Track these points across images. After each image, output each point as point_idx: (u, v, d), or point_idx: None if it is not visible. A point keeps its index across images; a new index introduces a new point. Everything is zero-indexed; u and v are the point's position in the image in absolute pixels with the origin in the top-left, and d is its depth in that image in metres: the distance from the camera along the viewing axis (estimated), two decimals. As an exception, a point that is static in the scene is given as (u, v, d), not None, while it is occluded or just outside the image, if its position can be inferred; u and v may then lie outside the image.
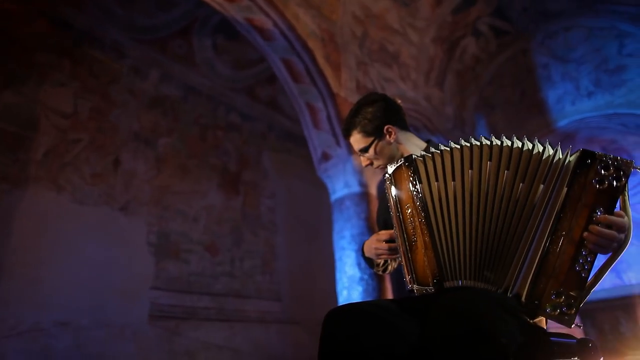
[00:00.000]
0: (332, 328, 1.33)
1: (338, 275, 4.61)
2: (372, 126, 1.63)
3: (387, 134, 1.62)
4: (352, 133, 1.66)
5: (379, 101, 1.67)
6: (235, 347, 5.53)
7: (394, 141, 1.63)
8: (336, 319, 1.33)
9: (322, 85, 4.94)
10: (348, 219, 4.70)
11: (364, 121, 1.64)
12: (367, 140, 1.64)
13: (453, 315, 1.10)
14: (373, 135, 1.63)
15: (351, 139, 1.68)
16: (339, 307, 1.38)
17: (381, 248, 1.51)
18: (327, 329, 1.34)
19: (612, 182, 1.10)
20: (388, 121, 1.63)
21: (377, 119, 1.63)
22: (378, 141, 1.63)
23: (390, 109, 1.67)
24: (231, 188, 6.32)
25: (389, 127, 1.63)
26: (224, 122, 6.61)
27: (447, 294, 1.20)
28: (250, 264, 6.14)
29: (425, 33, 6.82)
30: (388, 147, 1.63)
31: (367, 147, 1.64)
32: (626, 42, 6.79)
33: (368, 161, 1.68)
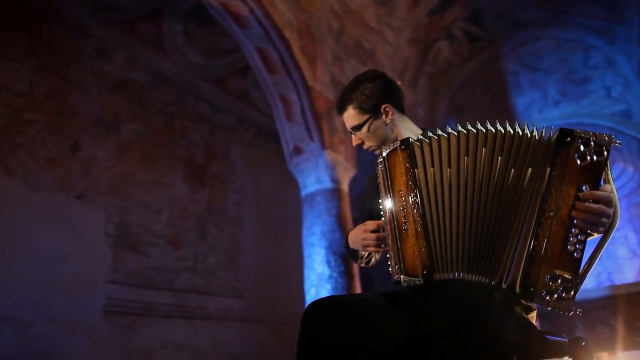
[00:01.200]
0: (313, 322, 1.23)
1: (306, 273, 4.49)
2: (369, 103, 1.54)
3: (383, 114, 1.54)
4: (347, 108, 1.57)
5: (379, 78, 1.58)
6: (196, 345, 5.31)
7: (389, 122, 1.55)
8: (318, 313, 1.23)
9: (297, 77, 4.81)
10: (319, 215, 4.58)
11: (361, 97, 1.54)
12: (361, 118, 1.54)
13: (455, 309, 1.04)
14: (369, 113, 1.54)
15: (345, 114, 1.59)
16: (322, 300, 1.28)
17: (368, 239, 1.41)
18: (308, 323, 1.24)
19: (594, 158, 1.08)
20: (386, 100, 1.55)
21: (376, 97, 1.54)
22: (373, 120, 1.54)
23: (390, 88, 1.58)
24: (197, 180, 6.09)
25: (386, 106, 1.54)
26: (192, 111, 6.36)
27: (444, 287, 1.14)
28: (214, 259, 5.93)
29: (401, 33, 6.82)
30: (383, 127, 1.55)
31: (361, 124, 1.55)
32: (591, 55, 7.02)
33: (359, 140, 1.59)
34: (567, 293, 1.08)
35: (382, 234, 1.40)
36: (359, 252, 1.61)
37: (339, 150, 5.01)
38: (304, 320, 1.24)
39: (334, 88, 5.32)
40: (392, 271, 1.31)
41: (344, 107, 1.59)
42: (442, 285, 1.16)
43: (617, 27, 6.39)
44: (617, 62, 6.75)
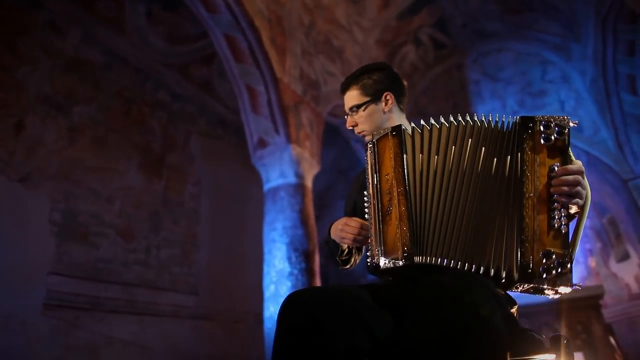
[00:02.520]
0: (294, 313, 1.17)
1: (266, 269, 4.36)
2: (373, 88, 1.59)
3: (384, 101, 1.59)
4: (351, 87, 1.61)
5: (388, 69, 1.65)
6: (144, 342, 5.04)
7: (387, 111, 1.60)
8: (299, 304, 1.18)
9: (266, 68, 4.68)
10: (281, 210, 4.47)
11: (367, 80, 1.60)
12: (362, 99, 1.59)
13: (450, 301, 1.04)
14: (370, 96, 1.59)
15: (347, 93, 1.63)
16: (302, 291, 1.24)
17: (348, 231, 1.42)
18: (288, 314, 1.18)
19: (557, 137, 1.16)
20: (389, 89, 1.61)
21: (381, 84, 1.60)
22: (372, 104, 1.59)
23: (396, 81, 1.64)
24: (153, 170, 5.80)
25: (388, 94, 1.60)
26: (151, 98, 6.07)
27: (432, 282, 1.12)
28: (167, 253, 5.66)
29: (370, 34, 6.83)
30: (380, 114, 1.59)
31: (360, 105, 1.59)
32: (548, 69, 7.32)
33: (353, 122, 1.62)
34: (564, 268, 1.10)
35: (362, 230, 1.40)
36: (340, 247, 1.59)
37: (304, 146, 4.92)
38: (284, 310, 1.19)
39: (302, 82, 5.24)
40: (370, 257, 1.31)
41: (349, 86, 1.62)
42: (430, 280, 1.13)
43: (574, 44, 6.69)
44: (571, 77, 7.07)
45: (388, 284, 1.41)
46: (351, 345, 1.13)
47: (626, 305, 6.79)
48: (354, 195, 1.68)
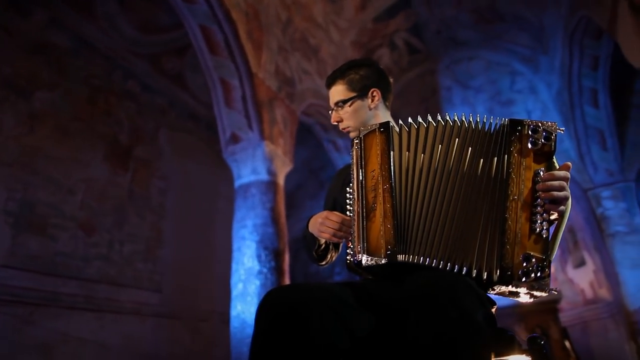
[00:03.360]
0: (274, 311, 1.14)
1: (234, 267, 4.27)
2: (360, 84, 1.57)
3: (370, 97, 1.58)
4: (337, 82, 1.59)
5: (375, 66, 1.63)
6: (102, 341, 4.84)
7: (373, 107, 1.58)
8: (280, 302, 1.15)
9: (241, 62, 4.59)
10: (252, 208, 4.39)
11: (354, 75, 1.58)
12: (348, 95, 1.57)
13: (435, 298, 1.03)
14: (357, 92, 1.57)
15: (333, 88, 1.61)
16: (283, 288, 1.21)
17: (328, 225, 1.38)
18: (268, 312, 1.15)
19: (544, 142, 1.17)
20: (376, 86, 1.59)
21: (368, 79, 1.58)
22: (358, 99, 1.57)
23: (383, 77, 1.63)
24: (119, 162, 5.60)
25: (375, 90, 1.58)
26: (119, 88, 5.86)
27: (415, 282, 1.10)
28: (131, 248, 5.47)
29: (346, 34, 6.84)
30: (365, 110, 1.58)
31: (346, 101, 1.57)
32: (517, 80, 7.54)
33: (338, 118, 1.60)
34: (543, 272, 1.10)
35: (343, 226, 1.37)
36: (317, 241, 1.55)
37: (277, 143, 4.86)
38: (263, 308, 1.16)
39: (277, 78, 5.17)
40: (352, 253, 1.28)
41: (335, 81, 1.60)
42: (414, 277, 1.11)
43: (542, 56, 6.91)
44: (538, 88, 7.30)
45: (369, 283, 1.39)
46: (330, 345, 1.11)
47: (581, 309, 7.07)
48: (334, 191, 1.66)
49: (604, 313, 6.74)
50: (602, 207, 6.41)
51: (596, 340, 6.76)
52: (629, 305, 6.04)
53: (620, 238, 6.14)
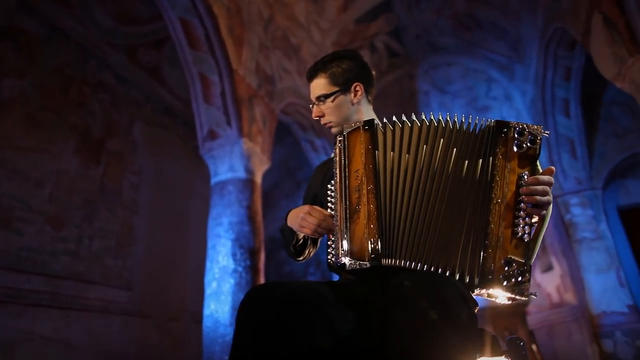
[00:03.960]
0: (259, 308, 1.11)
1: (209, 265, 4.20)
2: (342, 77, 1.53)
3: (353, 92, 1.54)
4: (319, 75, 1.54)
5: (357, 58, 1.59)
6: (67, 340, 4.67)
7: (356, 102, 1.54)
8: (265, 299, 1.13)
9: (221, 58, 4.52)
10: (228, 205, 4.32)
11: (337, 68, 1.53)
12: (330, 89, 1.52)
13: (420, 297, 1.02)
14: (339, 86, 1.52)
15: (314, 82, 1.56)
16: (268, 286, 1.18)
17: (309, 220, 1.34)
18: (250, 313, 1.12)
19: (529, 145, 1.16)
20: (359, 80, 1.55)
21: (350, 73, 1.54)
22: (341, 94, 1.53)
23: (366, 71, 1.59)
24: (91, 155, 5.43)
25: (358, 85, 1.54)
26: (93, 78, 5.69)
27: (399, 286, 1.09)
28: (101, 244, 5.31)
29: (327, 35, 6.84)
30: (348, 105, 1.54)
31: (328, 95, 1.52)
32: (493, 87, 7.69)
33: (320, 113, 1.56)
34: (523, 277, 1.10)
35: (324, 222, 1.34)
36: (295, 236, 1.52)
37: (256, 141, 4.81)
38: (246, 306, 1.14)
39: (258, 76, 5.12)
40: (334, 254, 1.26)
41: (316, 74, 1.55)
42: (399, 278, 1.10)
43: (517, 65, 7.08)
44: (513, 96, 7.47)
45: (351, 282, 1.38)
46: (313, 345, 1.09)
47: (547, 313, 7.25)
48: (315, 186, 1.63)
49: (568, 317, 6.94)
50: (570, 213, 6.60)
51: (560, 343, 6.95)
52: (592, 309, 6.23)
53: (587, 244, 6.34)
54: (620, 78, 3.86)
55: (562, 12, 4.78)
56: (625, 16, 3.62)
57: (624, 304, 6.11)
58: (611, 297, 6.14)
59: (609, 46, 3.89)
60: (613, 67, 3.90)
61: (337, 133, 1.50)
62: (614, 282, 6.20)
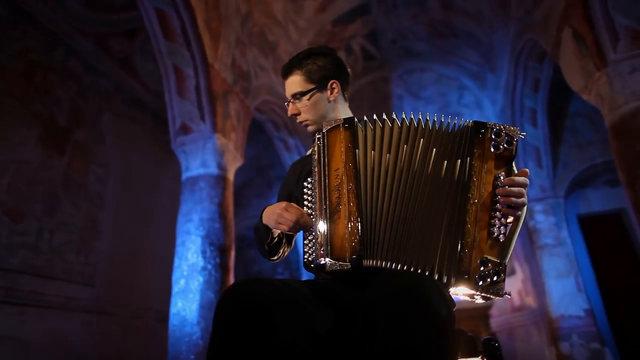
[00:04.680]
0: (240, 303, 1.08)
1: (177, 262, 4.10)
2: (318, 75, 1.50)
3: (329, 90, 1.52)
4: (294, 72, 1.51)
5: (334, 55, 1.56)
6: (23, 337, 4.46)
7: (332, 100, 1.52)
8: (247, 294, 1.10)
9: (197, 51, 4.44)
10: (199, 202, 4.24)
11: (312, 65, 1.50)
12: (306, 86, 1.50)
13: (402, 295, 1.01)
14: (315, 83, 1.50)
15: (289, 78, 1.53)
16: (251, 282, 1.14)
17: (287, 217, 1.31)
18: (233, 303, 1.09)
19: (506, 147, 1.17)
20: (336, 77, 1.53)
21: (327, 70, 1.51)
22: (317, 92, 1.50)
23: (342, 69, 1.57)
24: (55, 145, 5.21)
25: (334, 82, 1.52)
26: (60, 66, 5.46)
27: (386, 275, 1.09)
28: (62, 238, 5.10)
29: (304, 34, 6.82)
30: (325, 103, 1.52)
31: (304, 92, 1.50)
32: (465, 94, 7.86)
33: (296, 110, 1.54)
34: (498, 276, 1.10)
35: (302, 219, 1.31)
36: (271, 233, 1.49)
37: (229, 137, 4.74)
38: (228, 299, 1.10)
39: (233, 72, 5.05)
40: (312, 255, 1.25)
41: (291, 71, 1.52)
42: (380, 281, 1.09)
43: (489, 74, 7.26)
44: (483, 104, 7.66)
45: (330, 282, 1.36)
46: (294, 343, 1.08)
47: (509, 316, 7.46)
48: (290, 184, 1.60)
49: (528, 320, 7.16)
50: (534, 220, 6.81)
51: (520, 345, 7.16)
52: (552, 313, 6.45)
53: (549, 250, 6.56)
54: (587, 91, 4.01)
55: (534, 25, 4.93)
56: (593, 32, 3.77)
57: (581, 309, 6.36)
58: (569, 302, 6.38)
59: (578, 60, 4.04)
60: (581, 80, 4.05)
61: (313, 131, 1.51)
62: (573, 287, 6.44)
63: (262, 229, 1.51)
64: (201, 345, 3.71)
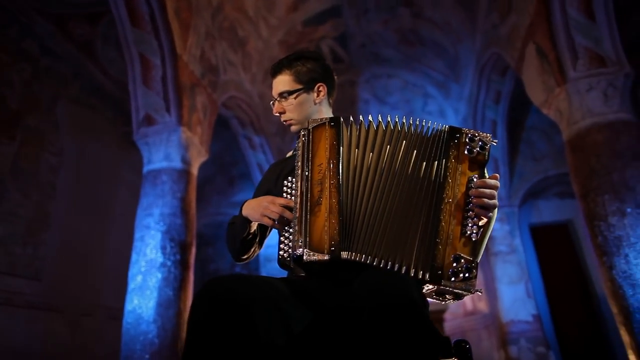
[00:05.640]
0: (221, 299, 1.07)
1: (135, 258, 3.95)
2: (307, 76, 1.54)
3: (316, 92, 1.55)
4: (283, 72, 1.54)
5: (322, 60, 1.61)
6: (-40, 333, 4.16)
7: (318, 102, 1.56)
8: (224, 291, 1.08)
9: (165, 40, 4.30)
10: (161, 196, 4.10)
11: (302, 67, 1.54)
12: (294, 86, 1.53)
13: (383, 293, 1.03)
14: (303, 84, 1.53)
15: (278, 77, 1.56)
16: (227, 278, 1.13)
17: (273, 209, 1.32)
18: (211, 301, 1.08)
19: (479, 151, 1.23)
20: (323, 82, 1.57)
21: (315, 73, 1.55)
22: (304, 92, 1.54)
23: (330, 74, 1.61)
24: (4, 129, 4.89)
25: (321, 85, 1.56)
26: (14, 46, 5.15)
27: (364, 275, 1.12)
28: (8, 229, 4.79)
29: (275, 32, 6.76)
30: (310, 104, 1.55)
31: (291, 92, 1.52)
32: (429, 102, 8.05)
33: (281, 109, 1.56)
34: (470, 273, 1.14)
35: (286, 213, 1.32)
36: (247, 229, 1.48)
37: (195, 131, 4.62)
38: (206, 294, 1.09)
39: (202, 65, 4.94)
40: (289, 247, 1.28)
41: (280, 70, 1.55)
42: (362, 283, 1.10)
43: (453, 84, 7.47)
44: (446, 113, 7.87)
45: (305, 280, 1.36)
46: (271, 341, 1.07)
47: (461, 320, 7.69)
48: (268, 182, 1.60)
49: (479, 324, 7.40)
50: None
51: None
52: (502, 318, 6.71)
53: (502, 257, 6.81)
54: (547, 105, 4.19)
55: (500, 39, 5.11)
56: (556, 49, 3.95)
57: (530, 314, 6.64)
58: (519, 307, 6.65)
59: (540, 75, 4.21)
60: (542, 94, 4.23)
61: (296, 131, 1.54)
62: (523, 293, 6.72)
63: (239, 223, 1.49)
64: (157, 344, 3.59)
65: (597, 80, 3.79)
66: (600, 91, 3.77)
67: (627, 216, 3.43)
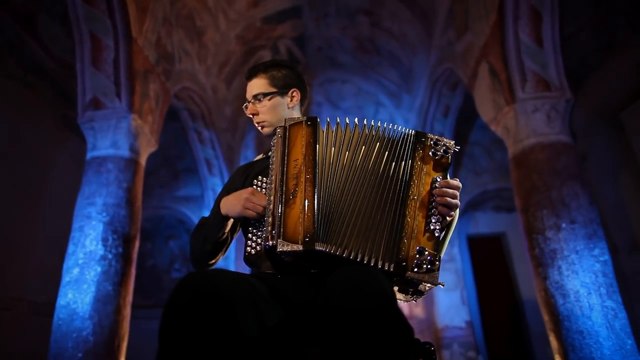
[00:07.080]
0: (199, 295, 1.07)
1: (72, 249, 3.68)
2: (282, 82, 1.61)
3: (290, 97, 1.62)
4: (259, 75, 1.61)
5: (297, 70, 1.69)
6: None
7: (291, 107, 1.62)
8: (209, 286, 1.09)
9: (120, 21, 4.07)
10: (106, 184, 3.86)
11: (277, 72, 1.61)
12: (268, 89, 1.59)
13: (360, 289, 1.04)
14: (278, 88, 1.60)
15: (253, 80, 1.62)
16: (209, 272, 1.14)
17: (255, 202, 1.37)
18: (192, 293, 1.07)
19: (443, 154, 1.33)
20: (297, 87, 1.64)
21: (289, 79, 1.63)
22: (278, 96, 1.60)
23: (303, 83, 1.68)
24: None
25: (295, 91, 1.63)
26: (-57, 10, 4.65)
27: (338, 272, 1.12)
28: None
29: (233, 26, 6.64)
30: (283, 107, 1.60)
31: (266, 94, 1.58)
32: (380, 110, 8.24)
33: (255, 111, 1.60)
34: (433, 265, 1.20)
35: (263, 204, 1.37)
36: (223, 228, 1.48)
37: (146, 120, 4.41)
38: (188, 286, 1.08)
39: (157, 51, 4.73)
40: (263, 240, 1.33)
41: (256, 74, 1.61)
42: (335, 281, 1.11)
43: (405, 95, 7.69)
44: (397, 122, 7.98)
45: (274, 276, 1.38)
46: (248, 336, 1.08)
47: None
48: (236, 183, 1.62)
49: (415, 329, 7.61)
50: (431, 236, 7.32)
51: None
52: (438, 323, 6.97)
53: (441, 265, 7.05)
54: (496, 122, 4.42)
55: (455, 56, 5.33)
56: (507, 70, 4.18)
57: (463, 320, 6.96)
58: (454, 313, 6.95)
59: (491, 93, 4.44)
60: (491, 111, 4.46)
61: (268, 133, 1.59)
62: (458, 300, 7.03)
63: (213, 223, 1.48)
64: (92, 341, 3.36)
65: (542, 102, 4.05)
66: (544, 113, 4.03)
67: (562, 231, 3.68)
